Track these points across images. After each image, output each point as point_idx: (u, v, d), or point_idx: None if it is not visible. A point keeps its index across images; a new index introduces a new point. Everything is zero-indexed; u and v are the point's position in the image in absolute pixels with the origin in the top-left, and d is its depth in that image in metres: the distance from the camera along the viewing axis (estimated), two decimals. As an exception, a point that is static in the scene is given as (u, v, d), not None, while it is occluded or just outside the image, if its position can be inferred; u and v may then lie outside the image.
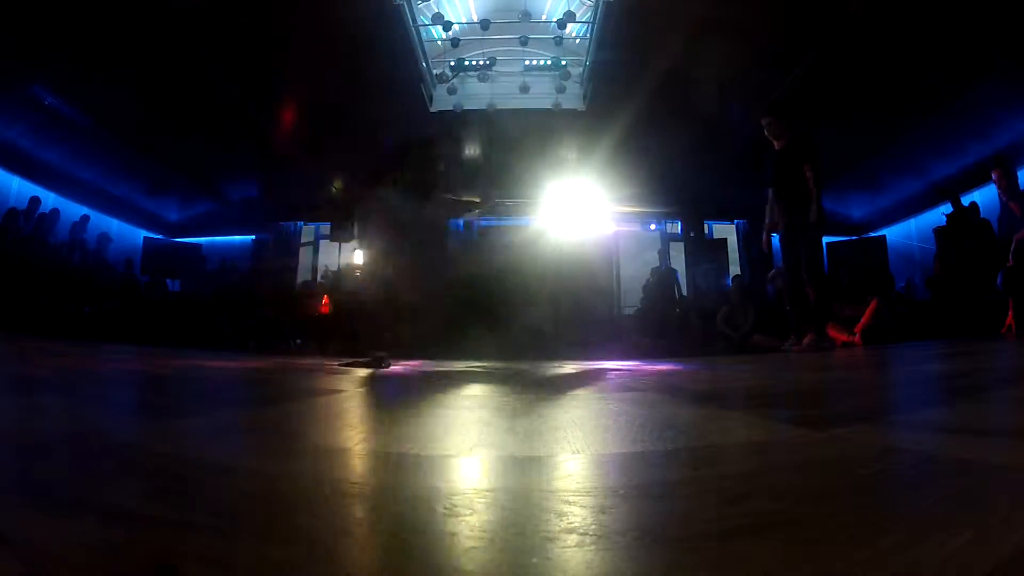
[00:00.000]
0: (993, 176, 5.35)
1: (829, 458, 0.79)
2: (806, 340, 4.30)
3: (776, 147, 4.44)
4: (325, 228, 10.26)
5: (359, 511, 0.59)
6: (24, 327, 5.68)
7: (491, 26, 7.33)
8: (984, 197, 6.42)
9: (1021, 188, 5.26)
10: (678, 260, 9.86)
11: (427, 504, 0.59)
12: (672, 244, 10.09)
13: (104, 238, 8.18)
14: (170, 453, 0.86)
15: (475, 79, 7.80)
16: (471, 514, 0.55)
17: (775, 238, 4.72)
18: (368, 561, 0.47)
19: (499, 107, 7.84)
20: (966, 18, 5.38)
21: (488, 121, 7.87)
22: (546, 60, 7.74)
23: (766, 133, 4.45)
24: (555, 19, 7.28)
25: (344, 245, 9.90)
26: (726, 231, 10.32)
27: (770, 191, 4.54)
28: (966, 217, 6.55)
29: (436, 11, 7.09)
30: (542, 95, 7.87)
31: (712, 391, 2.00)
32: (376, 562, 0.47)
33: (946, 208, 7.07)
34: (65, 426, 1.08)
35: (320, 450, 0.94)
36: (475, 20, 7.33)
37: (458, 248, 6.90)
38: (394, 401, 1.84)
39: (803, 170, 4.20)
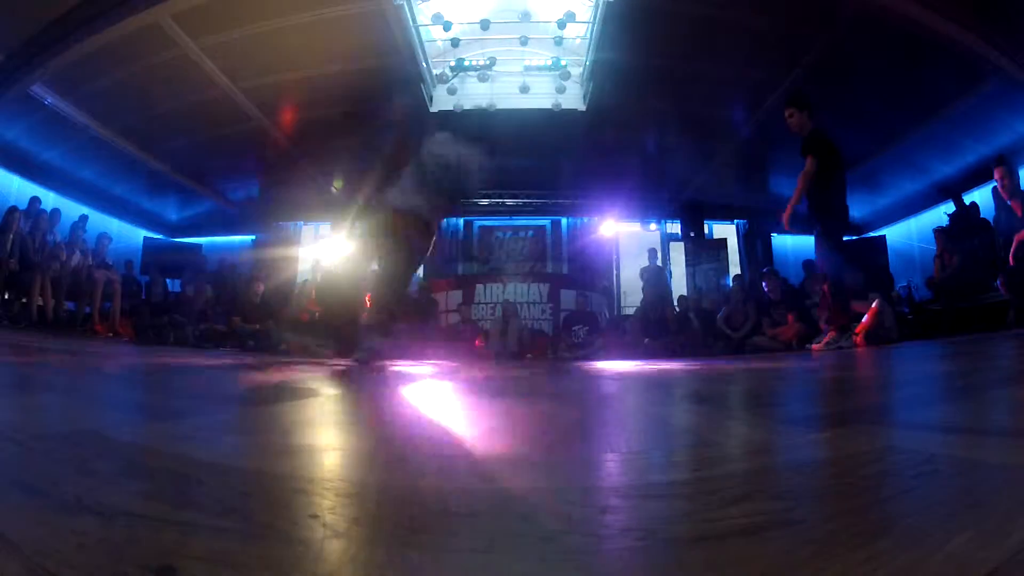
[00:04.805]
0: (995, 175, 5.34)
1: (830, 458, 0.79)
2: (825, 339, 4.31)
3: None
4: (325, 228, 10.26)
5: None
6: (23, 326, 5.69)
7: (491, 26, 7.32)
8: (984, 197, 6.42)
9: (1022, 188, 5.26)
10: (678, 260, 9.87)
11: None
12: (672, 244, 10.10)
13: (104, 238, 8.17)
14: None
15: (475, 79, 7.80)
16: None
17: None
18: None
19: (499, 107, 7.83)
20: (967, 18, 5.37)
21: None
22: (546, 60, 7.74)
23: (788, 125, 4.33)
24: (555, 19, 7.27)
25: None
26: (726, 231, 10.32)
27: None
28: (968, 217, 6.55)
29: (436, 11, 7.09)
30: (542, 95, 7.86)
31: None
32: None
33: (947, 207, 7.07)
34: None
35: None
36: (475, 20, 7.32)
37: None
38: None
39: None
